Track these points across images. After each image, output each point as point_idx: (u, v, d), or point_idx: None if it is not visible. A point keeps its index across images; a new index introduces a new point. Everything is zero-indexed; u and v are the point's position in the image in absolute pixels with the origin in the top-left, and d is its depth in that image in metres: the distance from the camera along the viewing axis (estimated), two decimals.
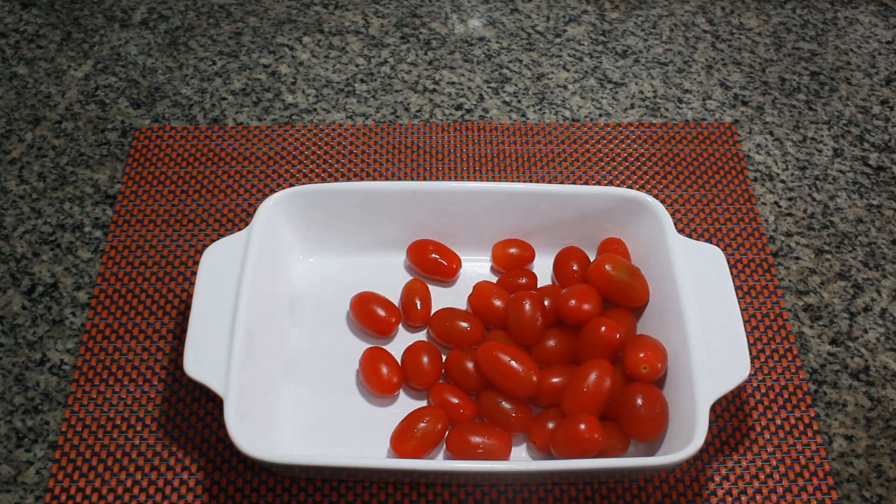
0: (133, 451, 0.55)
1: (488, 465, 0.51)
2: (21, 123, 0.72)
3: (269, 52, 0.78)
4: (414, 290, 0.59)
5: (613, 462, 0.49)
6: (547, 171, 0.69)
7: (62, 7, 0.81)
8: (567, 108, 0.74)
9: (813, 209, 0.68)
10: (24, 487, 0.54)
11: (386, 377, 0.55)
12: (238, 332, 0.51)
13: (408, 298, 0.59)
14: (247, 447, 0.47)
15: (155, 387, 0.58)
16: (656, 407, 0.52)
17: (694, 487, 0.54)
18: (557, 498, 0.54)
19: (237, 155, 0.70)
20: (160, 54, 0.77)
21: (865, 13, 0.82)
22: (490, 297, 0.58)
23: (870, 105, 0.75)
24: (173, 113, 0.73)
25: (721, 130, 0.72)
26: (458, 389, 0.55)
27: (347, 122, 0.72)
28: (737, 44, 0.79)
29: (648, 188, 0.68)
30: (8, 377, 0.59)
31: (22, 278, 0.63)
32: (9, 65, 0.76)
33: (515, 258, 0.61)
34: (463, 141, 0.71)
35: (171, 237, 0.65)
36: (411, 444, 0.52)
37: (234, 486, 0.54)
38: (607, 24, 0.80)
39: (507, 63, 0.77)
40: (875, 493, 0.55)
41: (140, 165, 0.69)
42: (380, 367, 0.56)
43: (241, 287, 0.53)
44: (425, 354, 0.56)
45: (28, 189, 0.68)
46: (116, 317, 0.61)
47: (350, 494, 0.54)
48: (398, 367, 0.56)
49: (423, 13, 0.81)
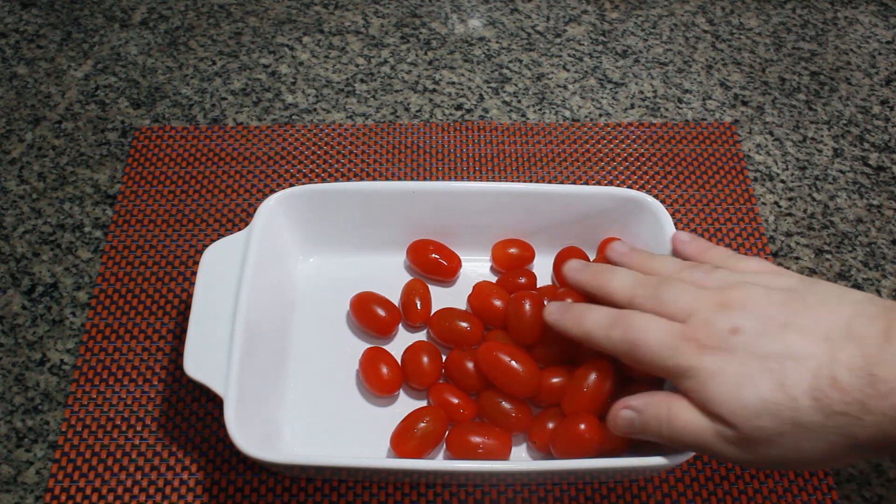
0: (133, 451, 0.55)
1: (488, 465, 0.51)
2: (21, 123, 0.72)
3: (269, 52, 0.78)
4: (414, 290, 0.59)
5: (613, 462, 0.49)
6: (547, 171, 0.69)
7: (62, 7, 0.81)
8: (567, 108, 0.74)
9: (813, 209, 0.68)
10: (24, 487, 0.54)
11: (386, 377, 0.55)
12: (238, 332, 0.51)
13: (408, 298, 0.59)
14: (247, 447, 0.47)
15: (155, 387, 0.58)
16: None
17: (694, 487, 0.54)
18: (557, 498, 0.54)
19: (237, 155, 0.70)
20: (160, 54, 0.77)
21: (865, 13, 0.82)
22: (490, 297, 0.58)
23: (870, 105, 0.75)
24: (173, 113, 0.73)
25: (721, 130, 0.72)
26: (458, 389, 0.55)
27: (347, 122, 0.72)
28: (737, 44, 0.79)
29: (648, 188, 0.68)
30: (8, 377, 0.59)
31: (22, 278, 0.63)
32: (9, 65, 0.76)
33: (515, 258, 0.61)
34: (463, 141, 0.71)
35: (171, 237, 0.65)
36: (411, 444, 0.52)
37: (234, 486, 0.54)
38: (607, 24, 0.80)
39: (507, 63, 0.77)
40: (875, 493, 0.55)
41: (140, 165, 0.69)
42: (380, 367, 0.56)
43: (241, 287, 0.53)
44: (425, 354, 0.56)
45: (28, 189, 0.68)
46: (116, 317, 0.61)
47: (350, 494, 0.54)
48: (398, 368, 0.56)
49: (423, 13, 0.81)
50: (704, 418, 0.42)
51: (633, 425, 0.45)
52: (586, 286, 0.50)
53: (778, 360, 0.40)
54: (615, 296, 0.48)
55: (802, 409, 0.39)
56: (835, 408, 0.38)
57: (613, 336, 0.45)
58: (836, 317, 0.41)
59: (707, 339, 0.42)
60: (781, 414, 0.39)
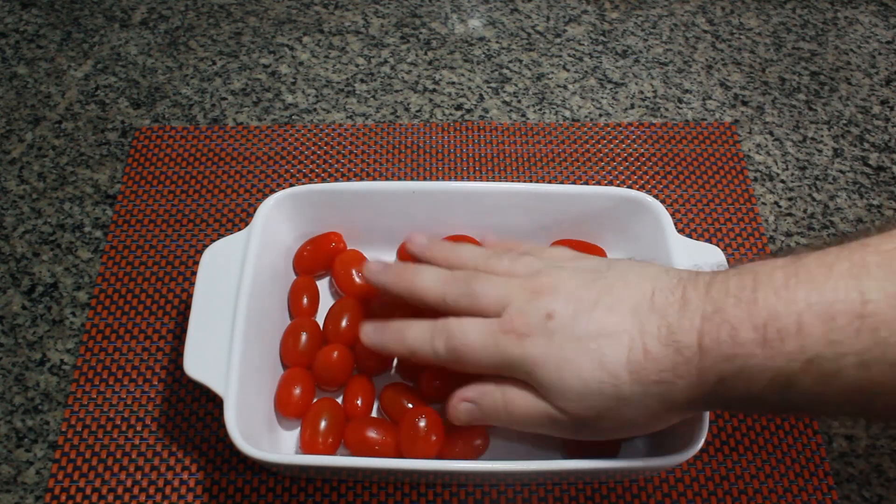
0: (133, 451, 0.55)
1: (488, 465, 0.51)
2: (21, 123, 0.72)
3: (269, 52, 0.78)
4: (301, 288, 0.59)
5: (613, 462, 0.49)
6: (547, 171, 0.69)
7: (62, 7, 0.81)
8: (567, 108, 0.74)
9: (813, 209, 0.68)
10: (24, 487, 0.54)
11: (297, 399, 0.54)
12: (238, 332, 0.51)
13: (295, 297, 0.59)
14: (247, 447, 0.47)
15: (155, 387, 0.58)
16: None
17: (694, 487, 0.54)
18: (557, 498, 0.54)
19: (237, 155, 0.70)
20: (160, 54, 0.77)
21: (865, 13, 0.82)
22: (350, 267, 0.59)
23: (870, 105, 0.75)
24: (173, 113, 0.73)
25: (721, 130, 0.72)
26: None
27: (347, 122, 0.72)
28: (737, 44, 0.79)
29: (648, 188, 0.68)
30: (8, 377, 0.59)
31: (22, 278, 0.63)
32: (9, 65, 0.76)
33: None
34: (463, 141, 0.71)
35: (171, 237, 0.65)
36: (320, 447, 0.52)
37: (234, 486, 0.54)
38: (607, 24, 0.80)
39: (507, 63, 0.77)
40: (875, 493, 0.55)
41: (140, 165, 0.69)
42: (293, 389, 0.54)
43: (241, 287, 0.53)
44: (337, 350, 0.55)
45: (28, 189, 0.68)
46: (116, 317, 0.61)
47: (350, 494, 0.54)
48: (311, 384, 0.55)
49: (423, 13, 0.81)
50: (539, 401, 0.43)
51: (473, 416, 0.46)
52: (392, 289, 0.49)
53: (595, 338, 0.41)
54: (425, 297, 0.47)
55: (623, 384, 0.41)
56: (651, 377, 0.40)
57: (438, 348, 0.45)
58: (640, 292, 0.42)
59: (524, 328, 0.43)
60: (605, 391, 0.41)
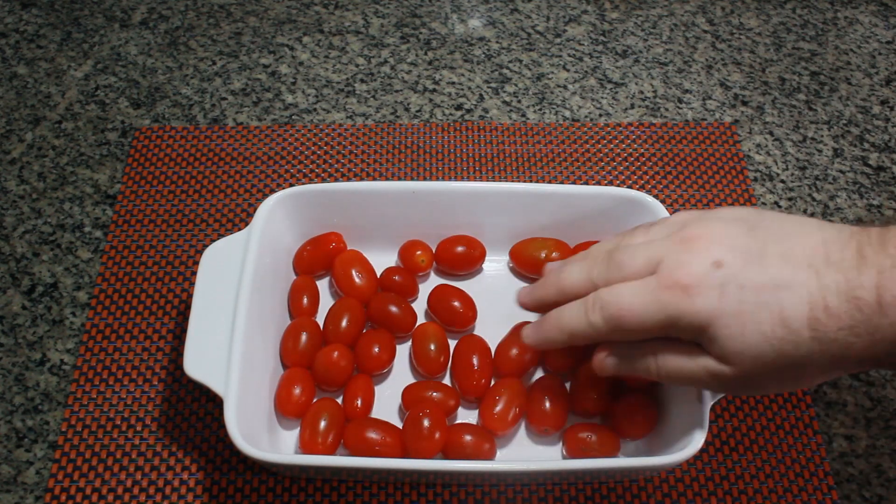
0: (133, 451, 0.55)
1: (488, 465, 0.51)
2: (21, 123, 0.72)
3: (269, 52, 0.77)
4: (301, 289, 0.59)
5: (613, 462, 0.49)
6: (547, 171, 0.69)
7: (62, 7, 0.81)
8: (567, 108, 0.74)
9: (813, 209, 0.68)
10: (24, 487, 0.54)
11: (297, 399, 0.54)
12: (238, 332, 0.51)
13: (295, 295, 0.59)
14: (247, 447, 0.47)
15: (155, 387, 0.58)
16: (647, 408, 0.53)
17: (694, 487, 0.54)
18: (557, 498, 0.54)
19: (237, 155, 0.70)
20: (160, 54, 0.77)
21: (865, 13, 0.82)
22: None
23: (870, 105, 0.75)
24: (173, 113, 0.73)
25: (721, 130, 0.72)
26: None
27: (347, 122, 0.72)
28: (737, 44, 0.79)
29: (648, 188, 0.68)
30: (8, 377, 0.59)
31: (22, 278, 0.63)
32: (9, 65, 0.76)
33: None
34: (463, 141, 0.71)
35: (171, 237, 0.65)
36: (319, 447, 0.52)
37: (234, 486, 0.54)
38: (607, 24, 0.80)
39: (507, 63, 0.77)
40: (875, 493, 0.55)
41: (140, 165, 0.69)
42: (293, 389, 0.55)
43: (241, 287, 0.53)
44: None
45: (28, 189, 0.68)
46: (116, 317, 0.61)
47: (350, 494, 0.54)
48: (312, 385, 0.55)
49: (423, 13, 0.81)
50: (697, 358, 0.42)
51: (620, 368, 0.45)
52: (547, 298, 0.48)
53: (772, 290, 0.39)
54: (576, 288, 0.46)
55: (803, 341, 0.38)
56: (830, 335, 0.38)
57: (595, 321, 0.43)
58: (810, 242, 0.40)
59: (689, 279, 0.40)
60: (783, 348, 0.39)
